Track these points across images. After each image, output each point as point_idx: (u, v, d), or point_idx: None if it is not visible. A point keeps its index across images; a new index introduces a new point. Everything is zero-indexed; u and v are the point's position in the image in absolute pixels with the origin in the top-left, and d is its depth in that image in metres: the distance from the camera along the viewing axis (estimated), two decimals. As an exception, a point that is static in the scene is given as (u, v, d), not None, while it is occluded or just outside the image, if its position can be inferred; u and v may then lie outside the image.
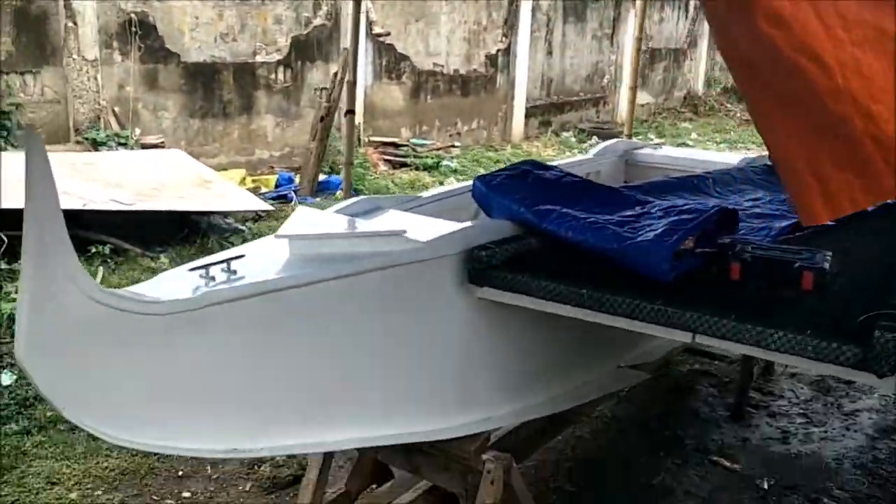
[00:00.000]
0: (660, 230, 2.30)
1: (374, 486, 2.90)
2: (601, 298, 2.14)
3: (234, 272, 1.98)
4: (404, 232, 2.26)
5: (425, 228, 2.36)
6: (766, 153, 3.04)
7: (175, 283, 1.93)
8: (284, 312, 2.00)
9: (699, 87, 14.85)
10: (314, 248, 2.17)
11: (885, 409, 4.15)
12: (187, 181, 6.07)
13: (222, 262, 1.99)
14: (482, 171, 8.73)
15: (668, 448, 3.63)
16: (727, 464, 3.56)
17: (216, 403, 1.94)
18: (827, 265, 2.20)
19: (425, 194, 3.06)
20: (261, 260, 2.11)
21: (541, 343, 2.68)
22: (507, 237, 2.47)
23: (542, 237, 2.49)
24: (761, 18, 1.43)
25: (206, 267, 1.94)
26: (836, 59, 1.37)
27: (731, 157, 4.47)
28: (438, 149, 9.03)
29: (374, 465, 2.84)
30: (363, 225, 2.43)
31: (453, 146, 9.29)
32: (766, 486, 3.40)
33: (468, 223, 2.50)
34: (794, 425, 3.97)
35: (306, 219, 2.42)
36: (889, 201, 2.34)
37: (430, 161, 8.51)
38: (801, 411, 4.10)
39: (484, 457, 2.47)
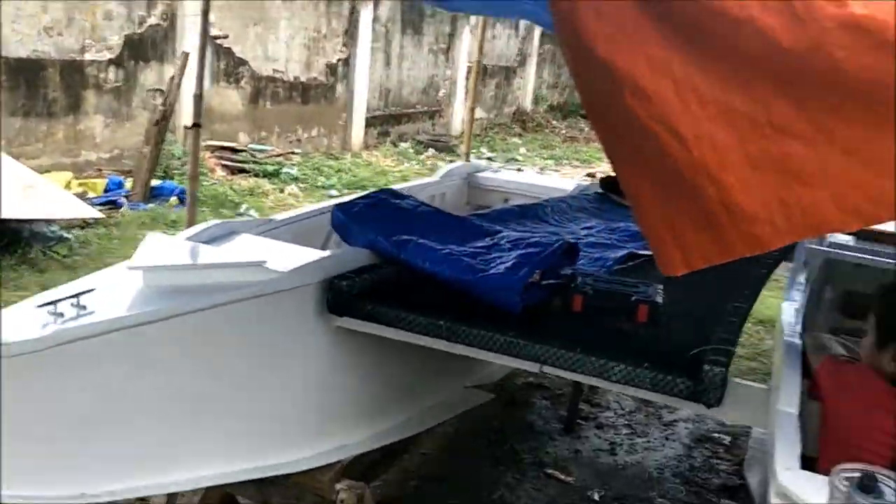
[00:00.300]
0: (510, 263, 2.42)
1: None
2: (458, 330, 2.24)
3: (84, 307, 1.91)
4: (264, 262, 2.25)
5: (284, 257, 2.36)
6: (590, 171, 3.29)
7: (22, 320, 1.84)
8: (137, 349, 1.96)
9: (528, 104, 15.45)
10: (170, 280, 2.13)
11: (699, 420, 4.50)
12: (7, 185, 5.67)
13: (71, 296, 1.91)
14: (323, 180, 8.80)
15: (507, 462, 3.79)
16: (561, 476, 3.75)
17: (65, 445, 1.87)
18: (659, 298, 2.40)
19: (278, 217, 3.05)
20: (112, 293, 2.04)
21: (394, 369, 2.75)
22: (365, 266, 2.52)
23: (399, 267, 2.56)
24: (627, 92, 1.56)
25: (54, 303, 1.86)
26: (693, 132, 1.52)
27: (565, 184, 4.74)
28: (278, 155, 8.90)
29: (221, 497, 2.80)
30: (218, 253, 2.40)
31: (293, 153, 9.19)
32: (597, 498, 3.62)
33: (328, 252, 2.53)
34: (620, 436, 4.23)
35: (158, 247, 2.36)
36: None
37: (269, 168, 8.38)
38: (626, 422, 4.38)
39: (338, 486, 2.50)
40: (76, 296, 1.91)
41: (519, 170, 10.05)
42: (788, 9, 1.41)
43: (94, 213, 6.07)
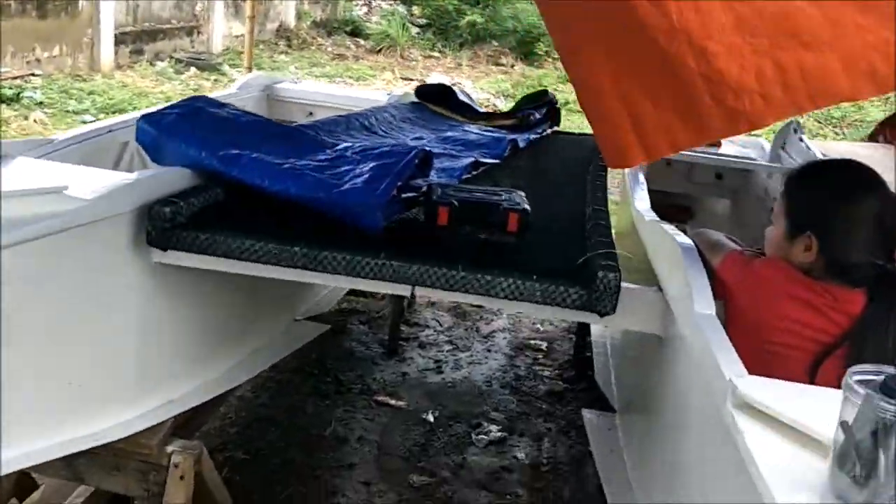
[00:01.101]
0: (366, 176, 2.10)
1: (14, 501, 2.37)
2: (317, 257, 1.91)
3: None
4: (65, 188, 1.78)
5: (86, 182, 1.89)
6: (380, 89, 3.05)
7: None
8: None
9: (291, 20, 14.71)
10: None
11: (514, 328, 4.48)
12: None
13: None
14: (74, 104, 7.77)
15: (333, 394, 3.54)
16: (392, 402, 3.56)
17: None
18: (527, 206, 2.21)
19: (59, 137, 2.49)
20: None
21: (222, 308, 2.37)
22: (189, 188, 2.09)
23: (230, 187, 2.16)
24: None
25: None
26: None
27: (372, 94, 4.39)
28: (15, 77, 7.74)
29: (17, 480, 2.31)
30: (-3, 179, 1.87)
31: (33, 75, 8.04)
32: (431, 419, 3.47)
33: (141, 173, 2.06)
34: (444, 353, 4.11)
35: None
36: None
37: (8, 92, 7.26)
38: (447, 339, 4.26)
39: (169, 449, 2.11)
40: None
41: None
42: None
43: None
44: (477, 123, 3.80)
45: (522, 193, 2.32)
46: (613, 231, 2.28)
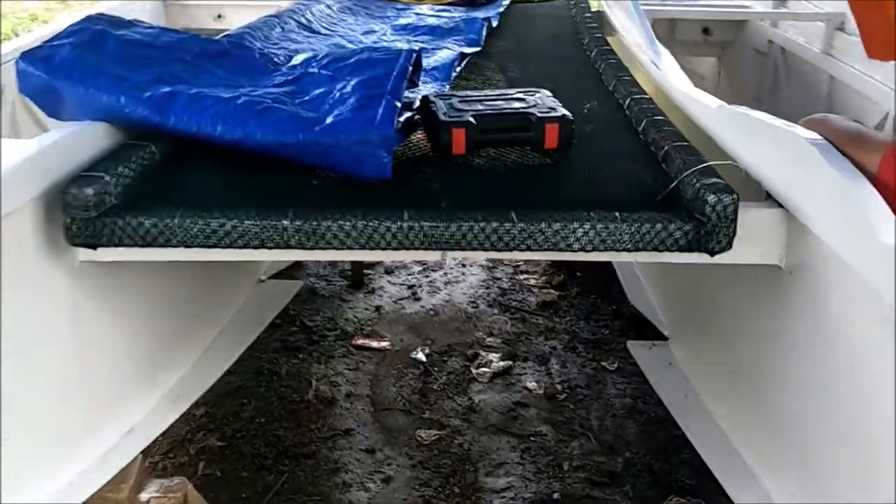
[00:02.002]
0: (352, 100, 1.53)
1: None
2: (316, 230, 1.35)
3: None
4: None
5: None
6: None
7: None
8: None
9: None
10: None
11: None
12: None
13: None
14: None
15: (306, 346, 3.03)
16: (374, 344, 3.08)
17: None
18: (565, 110, 1.68)
19: None
20: None
21: (176, 299, 1.82)
22: (111, 152, 1.49)
23: (168, 141, 1.55)
24: None
25: None
26: None
27: None
28: None
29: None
30: None
31: None
32: (423, 358, 3.01)
33: (40, 139, 1.42)
34: (415, 276, 3.61)
35: None
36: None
37: None
38: (413, 259, 3.77)
39: (145, 497, 1.60)
40: None
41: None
42: None
43: None
44: (425, 2, 3.18)
45: (548, 92, 1.79)
46: None
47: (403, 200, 1.43)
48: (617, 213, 1.38)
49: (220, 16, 3.37)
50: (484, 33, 2.56)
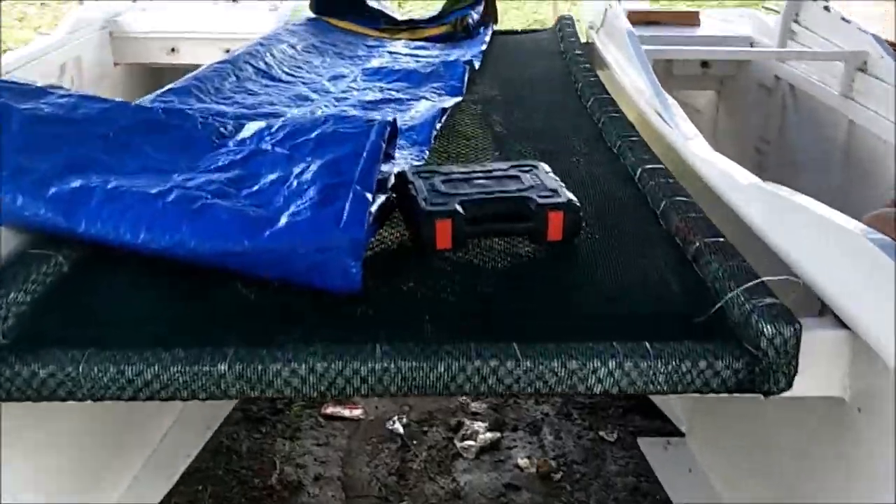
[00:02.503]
0: (312, 192, 1.23)
1: None
2: (262, 373, 1.05)
3: None
4: None
5: None
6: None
7: None
8: None
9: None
10: None
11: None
12: None
13: None
14: None
15: (269, 417, 2.71)
16: (346, 413, 2.77)
17: None
18: (570, 195, 1.39)
19: None
20: None
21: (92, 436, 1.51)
22: (6, 267, 1.18)
23: (80, 247, 1.24)
24: None
25: None
26: None
27: (250, 12, 3.33)
28: None
29: None
30: None
31: None
32: (401, 429, 2.70)
33: None
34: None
35: None
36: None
37: None
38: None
39: None
40: None
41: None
42: None
43: None
44: (399, 37, 2.89)
45: (547, 168, 1.50)
46: None
47: (376, 320, 1.13)
48: (648, 346, 1.09)
49: (173, 49, 3.05)
50: (466, 79, 2.27)
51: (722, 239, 1.31)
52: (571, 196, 1.38)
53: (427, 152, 1.73)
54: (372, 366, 1.06)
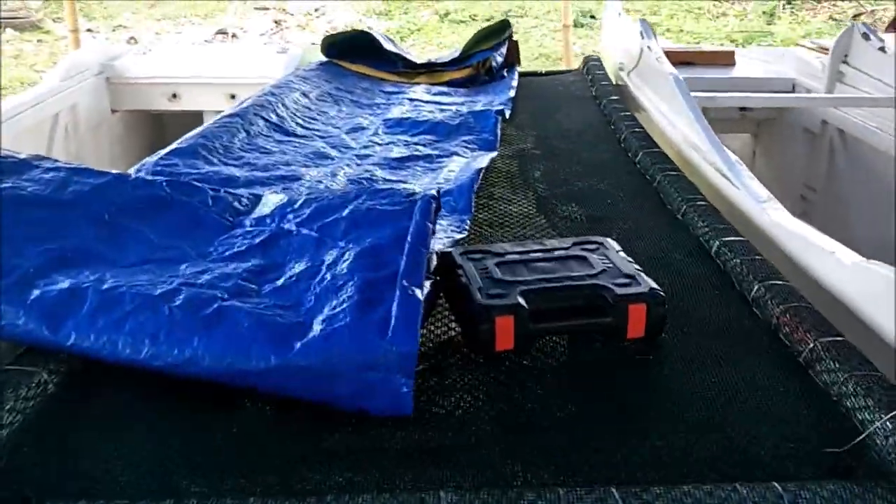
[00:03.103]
0: (353, 290, 1.02)
1: None
2: None
3: None
4: None
5: None
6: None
7: None
8: None
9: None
10: None
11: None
12: None
13: None
14: None
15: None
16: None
17: None
18: (651, 282, 1.18)
19: None
20: None
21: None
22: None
23: (66, 363, 1.02)
24: None
25: None
26: None
27: (255, 57, 3.13)
28: None
29: None
30: None
31: None
32: None
33: None
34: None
35: None
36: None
37: None
38: None
39: None
40: None
41: (133, 40, 7.92)
42: None
43: None
44: (418, 80, 2.68)
45: (616, 245, 1.29)
46: None
47: (429, 462, 0.91)
48: (780, 489, 0.87)
49: (174, 95, 2.85)
50: (499, 132, 2.06)
51: (841, 338, 1.09)
52: (653, 284, 1.16)
53: (468, 222, 1.52)
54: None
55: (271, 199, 1.30)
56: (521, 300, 1.12)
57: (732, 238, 1.42)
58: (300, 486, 0.88)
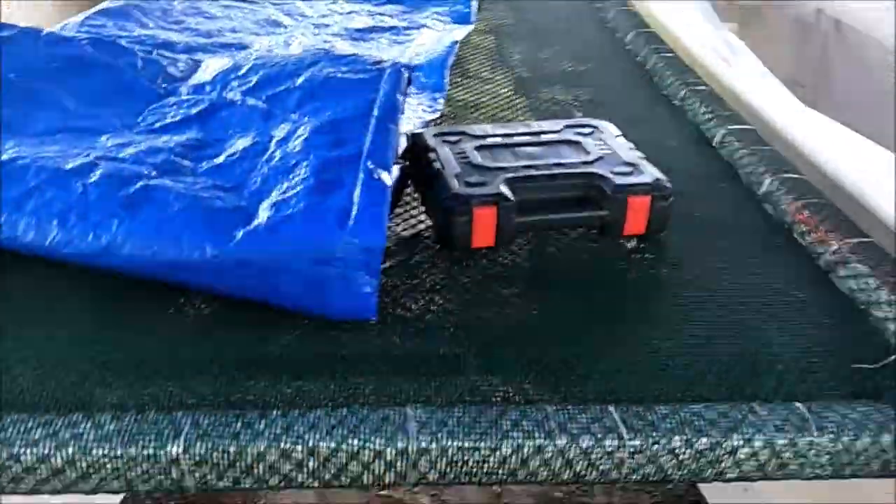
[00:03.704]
0: (308, 172, 0.85)
1: None
2: (258, 465, 0.70)
3: None
4: None
5: None
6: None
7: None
8: None
9: None
10: None
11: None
12: None
13: None
14: None
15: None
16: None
17: None
18: (658, 173, 1.03)
19: None
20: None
21: None
22: None
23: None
24: None
25: None
26: None
27: None
28: None
29: None
30: None
31: None
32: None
33: None
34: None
35: None
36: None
37: None
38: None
39: None
40: None
41: None
42: None
43: None
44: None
45: (613, 128, 1.13)
46: None
47: (393, 372, 0.77)
48: (804, 410, 0.75)
49: None
50: (474, 4, 1.85)
51: (868, 239, 0.96)
52: (658, 173, 1.01)
53: (442, 102, 1.34)
54: (404, 445, 0.70)
55: (213, 65, 1.11)
56: (505, 189, 0.96)
57: (739, 126, 1.27)
58: (239, 398, 0.74)
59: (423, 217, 1.05)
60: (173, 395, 0.73)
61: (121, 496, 1.43)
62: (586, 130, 1.11)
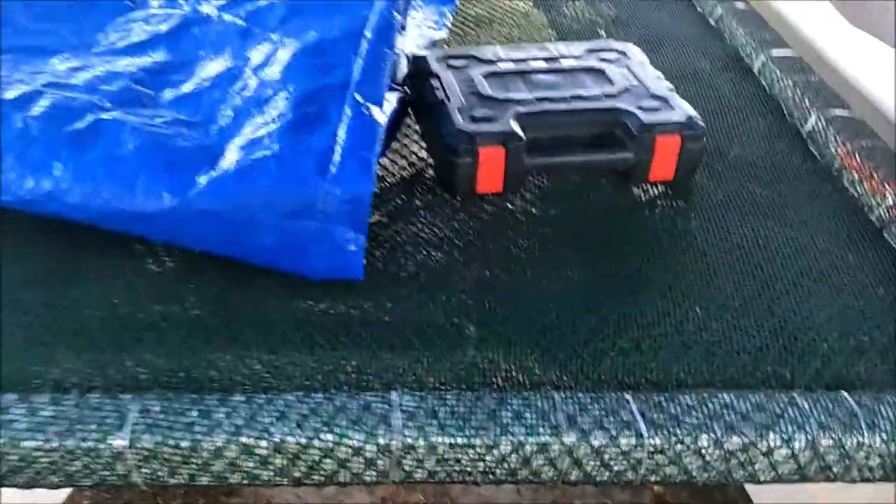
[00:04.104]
0: (287, 106, 0.74)
1: None
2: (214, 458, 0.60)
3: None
4: None
5: None
6: None
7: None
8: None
9: None
10: None
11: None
12: None
13: None
14: None
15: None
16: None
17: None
18: (688, 108, 0.90)
19: None
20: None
21: None
22: None
23: None
24: None
25: None
26: None
27: None
28: None
29: None
30: None
31: None
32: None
33: None
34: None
35: None
36: None
37: None
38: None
39: None
40: None
41: None
42: None
43: None
44: None
45: (642, 57, 0.99)
46: None
47: (378, 345, 0.67)
48: (852, 403, 0.64)
49: None
50: None
51: None
52: (691, 110, 0.88)
53: (450, 18, 1.20)
54: (387, 441, 0.60)
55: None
56: (516, 126, 0.84)
57: (782, 53, 1.13)
58: (200, 374, 0.64)
59: (424, 154, 0.93)
60: (124, 368, 0.64)
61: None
62: (611, 56, 0.98)
